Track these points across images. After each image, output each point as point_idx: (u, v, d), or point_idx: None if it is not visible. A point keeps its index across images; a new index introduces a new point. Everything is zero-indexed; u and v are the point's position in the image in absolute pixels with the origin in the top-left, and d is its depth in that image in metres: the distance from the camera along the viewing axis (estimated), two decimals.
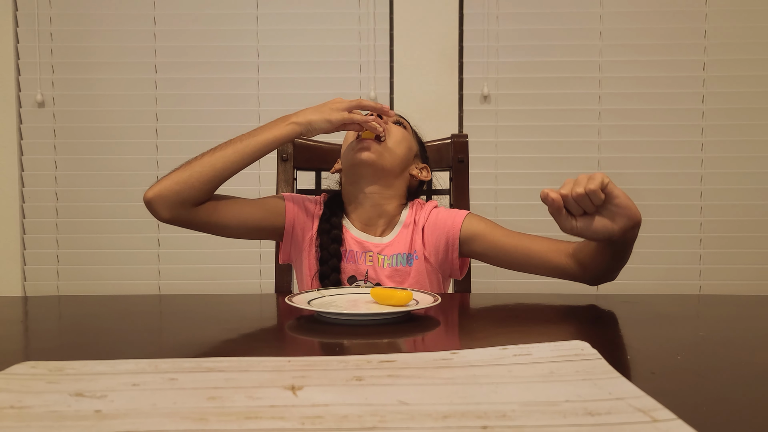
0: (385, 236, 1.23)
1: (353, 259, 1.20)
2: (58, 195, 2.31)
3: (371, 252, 1.20)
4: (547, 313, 0.94)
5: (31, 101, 2.29)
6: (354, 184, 1.23)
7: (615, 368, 0.58)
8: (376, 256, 1.20)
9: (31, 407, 0.49)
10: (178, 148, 2.29)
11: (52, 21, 2.29)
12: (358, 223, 1.24)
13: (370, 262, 1.19)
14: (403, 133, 1.26)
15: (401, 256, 1.21)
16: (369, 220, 1.23)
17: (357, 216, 1.24)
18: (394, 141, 1.23)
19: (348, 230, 1.22)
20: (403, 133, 1.26)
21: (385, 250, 1.21)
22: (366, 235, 1.22)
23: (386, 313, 0.86)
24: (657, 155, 2.26)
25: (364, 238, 1.22)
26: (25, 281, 2.33)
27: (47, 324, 0.94)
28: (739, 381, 0.59)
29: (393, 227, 1.24)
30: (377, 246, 1.21)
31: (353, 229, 1.23)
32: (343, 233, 1.21)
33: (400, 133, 1.25)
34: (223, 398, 0.50)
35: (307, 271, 1.21)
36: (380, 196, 1.22)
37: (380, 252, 1.20)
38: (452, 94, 2.26)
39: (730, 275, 2.27)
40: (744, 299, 1.09)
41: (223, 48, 2.29)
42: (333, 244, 1.19)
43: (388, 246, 1.21)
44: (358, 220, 1.24)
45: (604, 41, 2.26)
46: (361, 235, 1.22)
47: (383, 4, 2.27)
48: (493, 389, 0.52)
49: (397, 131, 1.25)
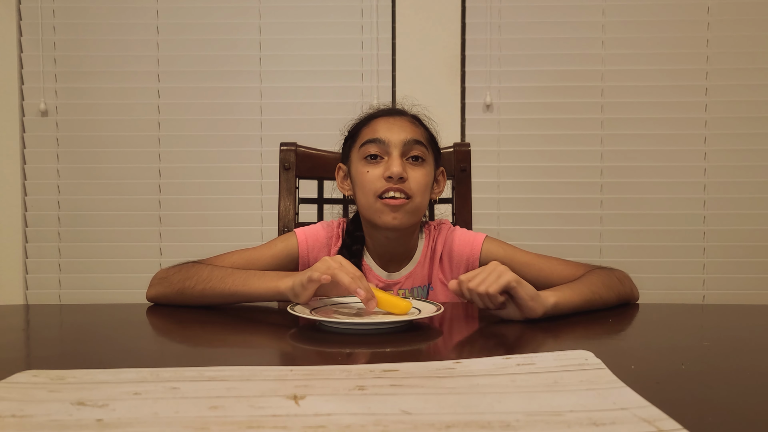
0: (403, 269, 1.19)
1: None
2: (60, 204, 2.31)
3: (391, 291, 1.16)
4: (551, 323, 0.94)
5: (34, 110, 2.30)
6: (374, 229, 1.16)
7: (619, 378, 0.58)
8: (396, 293, 1.17)
9: (33, 416, 0.49)
10: (180, 157, 2.29)
11: (55, 30, 2.30)
12: (378, 258, 1.19)
13: None
14: (426, 178, 1.14)
15: (421, 288, 1.19)
16: (390, 258, 1.19)
17: (376, 252, 1.19)
18: (420, 192, 1.12)
19: (369, 267, 1.19)
20: (426, 176, 1.14)
21: (405, 284, 1.18)
22: (386, 273, 1.19)
23: (389, 323, 0.85)
24: (659, 164, 2.26)
25: (385, 276, 1.18)
26: (27, 290, 2.32)
27: (49, 332, 0.94)
28: (744, 390, 0.59)
29: (411, 257, 1.20)
30: (397, 282, 1.18)
31: (373, 266, 1.19)
32: (363, 271, 1.17)
33: (423, 178, 1.13)
34: (225, 407, 0.50)
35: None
36: (402, 239, 1.17)
37: (400, 287, 1.18)
38: (455, 103, 2.26)
39: (733, 284, 2.26)
40: (748, 308, 1.08)
41: (226, 57, 2.30)
42: None
43: (407, 279, 1.18)
44: (377, 256, 1.19)
45: (606, 50, 2.26)
46: (381, 272, 1.18)
47: (386, 14, 2.28)
48: (497, 399, 0.52)
49: (421, 177, 1.12)
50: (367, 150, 1.13)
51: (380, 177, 1.10)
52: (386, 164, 1.11)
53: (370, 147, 1.12)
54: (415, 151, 1.13)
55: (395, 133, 1.13)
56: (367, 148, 1.13)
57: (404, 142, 1.12)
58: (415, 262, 1.19)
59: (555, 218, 2.26)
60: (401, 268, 1.19)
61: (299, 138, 1.52)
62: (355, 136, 1.19)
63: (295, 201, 1.45)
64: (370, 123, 1.18)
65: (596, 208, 2.26)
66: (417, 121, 1.21)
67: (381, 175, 1.10)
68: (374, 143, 1.12)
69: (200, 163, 2.28)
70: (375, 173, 1.11)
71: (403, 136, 1.12)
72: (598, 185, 2.26)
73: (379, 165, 1.12)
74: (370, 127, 1.16)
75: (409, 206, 1.11)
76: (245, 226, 2.27)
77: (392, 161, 1.10)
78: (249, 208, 2.28)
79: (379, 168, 1.11)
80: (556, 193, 2.27)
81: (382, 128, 1.14)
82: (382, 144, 1.12)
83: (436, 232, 1.22)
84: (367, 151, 1.13)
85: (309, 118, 2.24)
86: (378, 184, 1.10)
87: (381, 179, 1.10)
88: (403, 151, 1.12)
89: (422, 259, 1.19)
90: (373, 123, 1.17)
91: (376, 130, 1.14)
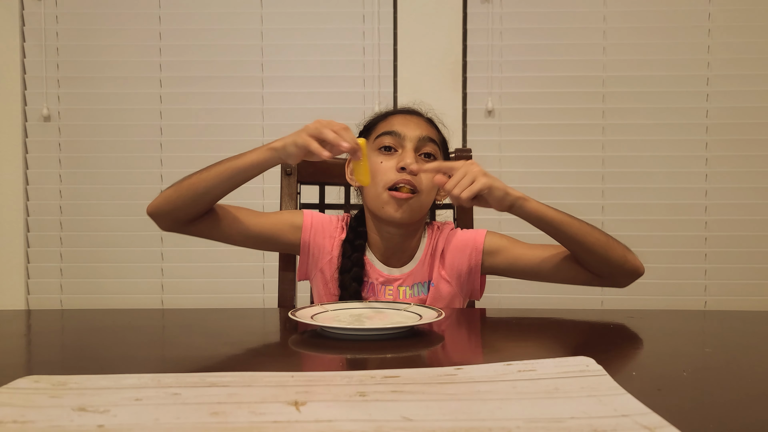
0: (405, 266, 1.21)
1: (373, 291, 1.19)
2: (62, 209, 2.32)
3: (392, 286, 1.19)
4: (552, 329, 0.94)
5: (36, 115, 2.31)
6: (378, 222, 1.19)
7: (620, 384, 0.57)
8: (396, 289, 1.19)
9: (34, 422, 0.49)
10: (182, 162, 2.29)
11: (58, 36, 2.31)
12: (380, 254, 1.21)
13: (390, 294, 1.19)
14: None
15: (422, 285, 1.21)
16: (392, 254, 1.21)
17: (378, 248, 1.21)
18: (428, 189, 1.15)
19: (370, 262, 1.20)
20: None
21: (406, 281, 1.20)
22: (388, 268, 1.21)
23: (390, 328, 0.85)
24: (661, 170, 2.26)
25: (386, 272, 1.20)
26: (29, 295, 2.33)
27: (50, 338, 0.94)
28: (745, 397, 0.59)
29: (413, 255, 1.22)
30: (398, 278, 1.20)
31: (376, 262, 1.21)
32: (365, 265, 1.19)
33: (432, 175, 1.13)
34: (226, 413, 0.50)
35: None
36: (405, 236, 1.20)
37: (401, 284, 1.20)
38: (456, 109, 2.26)
39: (735, 290, 2.26)
40: (750, 315, 1.08)
41: (228, 62, 2.30)
42: (354, 283, 1.17)
43: (409, 276, 1.20)
44: (379, 252, 1.21)
45: (607, 56, 2.27)
46: (383, 268, 1.20)
47: (387, 20, 2.28)
48: (498, 405, 0.52)
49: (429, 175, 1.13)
50: (381, 141, 1.17)
51: (393, 168, 1.13)
52: (400, 156, 1.15)
53: (385, 138, 1.16)
54: (428, 148, 1.17)
55: (411, 129, 1.17)
56: (382, 140, 1.17)
57: (419, 138, 1.16)
58: (416, 260, 1.22)
59: None
60: (403, 265, 1.21)
61: None
62: (370, 129, 1.23)
63: (297, 206, 1.46)
64: (387, 118, 1.22)
65: (598, 214, 2.26)
66: (431, 123, 1.25)
67: (394, 167, 1.13)
68: (390, 135, 1.16)
69: (202, 166, 2.28)
70: (388, 164, 1.14)
71: (418, 132, 1.17)
72: (600, 191, 2.26)
73: (393, 157, 1.15)
74: (386, 122, 1.21)
75: (414, 201, 1.14)
76: None
77: (406, 153, 1.14)
78: None
79: (393, 160, 1.15)
80: (558, 199, 2.25)
81: (398, 123, 1.19)
82: (398, 137, 1.16)
83: (438, 232, 1.25)
84: (381, 143, 1.16)
85: None
86: (390, 175, 1.13)
87: (393, 170, 1.13)
88: (417, 146, 1.16)
89: (423, 257, 1.22)
90: (390, 118, 1.22)
91: (393, 124, 1.19)
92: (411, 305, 0.98)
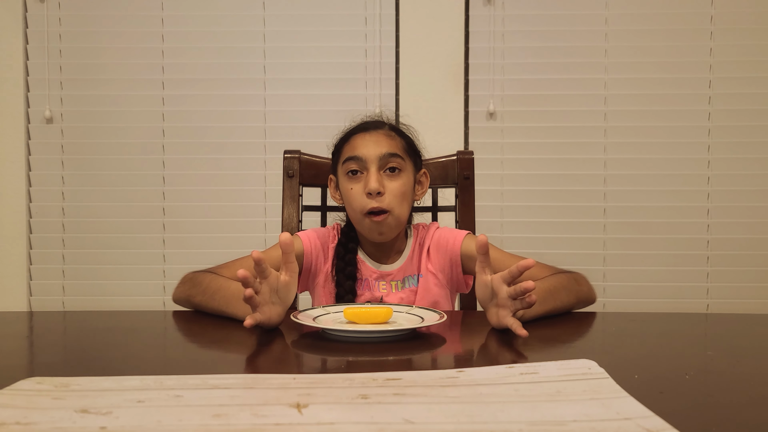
0: (395, 262, 1.29)
1: (368, 286, 1.27)
2: (65, 210, 2.32)
3: (384, 281, 1.28)
4: (554, 332, 0.94)
5: (39, 117, 2.31)
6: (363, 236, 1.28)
7: (623, 387, 0.57)
8: (389, 283, 1.28)
9: (37, 423, 0.49)
10: (184, 165, 2.30)
11: (61, 38, 2.31)
12: (371, 254, 1.30)
13: (384, 289, 1.27)
14: (402, 188, 1.22)
15: (412, 278, 1.29)
16: (382, 254, 1.29)
17: (368, 249, 1.30)
18: (398, 203, 1.21)
19: (363, 261, 1.29)
20: (402, 186, 1.22)
21: (397, 275, 1.28)
22: (379, 264, 1.29)
23: (392, 331, 0.86)
24: (663, 173, 2.26)
25: (378, 268, 1.28)
26: (31, 296, 2.33)
27: (53, 339, 0.95)
28: (748, 400, 0.59)
29: (401, 253, 1.30)
30: (389, 273, 1.28)
31: (368, 260, 1.29)
32: (358, 264, 1.27)
33: (400, 189, 1.21)
34: (228, 415, 0.50)
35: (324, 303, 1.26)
36: (390, 240, 1.27)
37: (392, 278, 1.28)
38: (458, 111, 2.26)
39: (737, 293, 2.25)
40: (752, 318, 1.08)
41: (230, 65, 2.31)
42: (348, 281, 1.25)
43: (399, 271, 1.28)
44: (370, 252, 1.30)
45: (609, 58, 2.27)
46: (374, 265, 1.29)
47: (389, 22, 2.28)
48: (500, 408, 0.52)
49: (397, 188, 1.21)
50: (348, 167, 1.23)
51: (362, 193, 1.20)
52: (366, 179, 1.20)
53: (351, 164, 1.22)
54: (392, 163, 1.23)
55: (371, 149, 1.22)
56: (348, 165, 1.23)
57: (380, 157, 1.21)
58: (404, 257, 1.29)
59: (558, 226, 2.26)
60: (392, 262, 1.30)
61: (303, 146, 1.53)
62: (338, 152, 1.29)
63: (299, 208, 1.46)
64: (350, 140, 1.27)
65: (599, 216, 2.26)
66: (394, 132, 1.29)
67: (362, 191, 1.20)
68: (353, 161, 1.22)
69: (204, 170, 2.29)
70: (357, 189, 1.21)
71: (379, 151, 1.22)
72: (602, 193, 2.26)
73: (360, 180, 1.22)
74: (349, 144, 1.26)
75: (389, 219, 1.21)
76: (249, 233, 2.27)
77: (370, 177, 1.20)
78: (252, 215, 2.28)
79: (360, 183, 1.21)
80: (560, 201, 2.27)
81: (359, 145, 1.24)
82: (361, 161, 1.22)
83: (425, 231, 1.32)
84: (348, 168, 1.23)
85: (312, 125, 2.25)
86: (362, 201, 1.20)
87: (363, 195, 1.20)
88: (380, 165, 1.22)
89: (411, 254, 1.30)
90: (351, 140, 1.27)
91: (355, 147, 1.24)
92: (413, 307, 0.98)
